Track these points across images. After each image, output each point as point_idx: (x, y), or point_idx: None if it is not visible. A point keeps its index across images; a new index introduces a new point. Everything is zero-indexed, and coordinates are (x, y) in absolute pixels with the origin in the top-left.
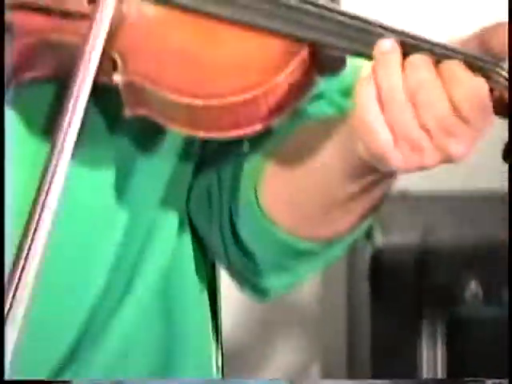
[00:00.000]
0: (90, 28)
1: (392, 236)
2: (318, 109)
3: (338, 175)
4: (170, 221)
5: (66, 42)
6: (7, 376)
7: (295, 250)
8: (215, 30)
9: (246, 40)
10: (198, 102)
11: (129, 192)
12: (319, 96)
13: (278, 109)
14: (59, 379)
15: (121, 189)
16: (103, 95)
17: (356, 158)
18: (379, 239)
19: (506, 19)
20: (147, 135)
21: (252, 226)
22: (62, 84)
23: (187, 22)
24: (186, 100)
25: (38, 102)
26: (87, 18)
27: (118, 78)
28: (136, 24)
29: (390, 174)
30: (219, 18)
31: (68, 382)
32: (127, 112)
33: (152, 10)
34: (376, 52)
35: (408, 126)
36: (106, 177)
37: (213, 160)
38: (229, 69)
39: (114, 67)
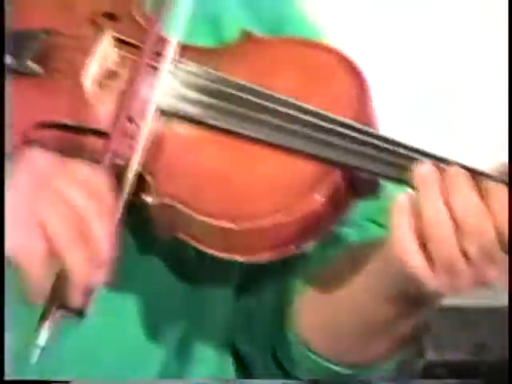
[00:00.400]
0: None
1: (444, 351)
2: (352, 235)
3: (373, 301)
4: (211, 343)
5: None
6: None
7: (338, 375)
8: (247, 151)
9: (278, 162)
10: (230, 225)
11: (165, 313)
12: (352, 223)
13: (310, 232)
14: (59, 379)
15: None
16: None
17: (391, 282)
18: (431, 354)
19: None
20: (181, 257)
21: (291, 351)
22: None
23: (220, 142)
24: (218, 223)
25: None
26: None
27: (149, 199)
28: (168, 144)
29: (426, 298)
30: (252, 140)
31: (68, 382)
32: (159, 233)
33: (185, 130)
34: (416, 179)
35: (449, 254)
36: (139, 302)
37: (253, 284)
38: (261, 191)
39: (145, 188)
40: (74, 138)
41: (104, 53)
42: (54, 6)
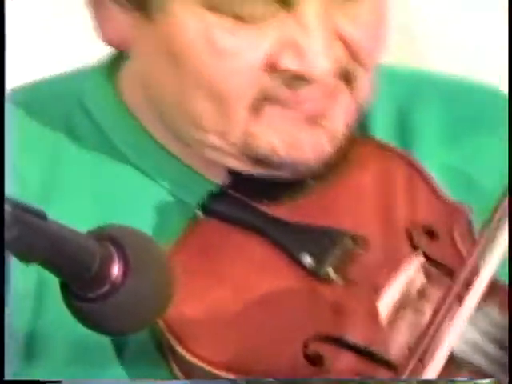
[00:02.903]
0: None
1: None
2: None
3: None
4: None
5: None
6: None
7: None
8: None
9: None
10: None
11: None
12: None
13: None
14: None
15: None
16: None
17: None
18: None
19: None
20: None
21: None
22: None
23: None
24: None
25: None
26: None
27: None
28: None
29: None
30: None
31: (59, 381)
32: None
33: None
34: None
35: None
36: None
37: None
38: None
39: None
40: (353, 360)
41: (409, 276)
42: (369, 210)
